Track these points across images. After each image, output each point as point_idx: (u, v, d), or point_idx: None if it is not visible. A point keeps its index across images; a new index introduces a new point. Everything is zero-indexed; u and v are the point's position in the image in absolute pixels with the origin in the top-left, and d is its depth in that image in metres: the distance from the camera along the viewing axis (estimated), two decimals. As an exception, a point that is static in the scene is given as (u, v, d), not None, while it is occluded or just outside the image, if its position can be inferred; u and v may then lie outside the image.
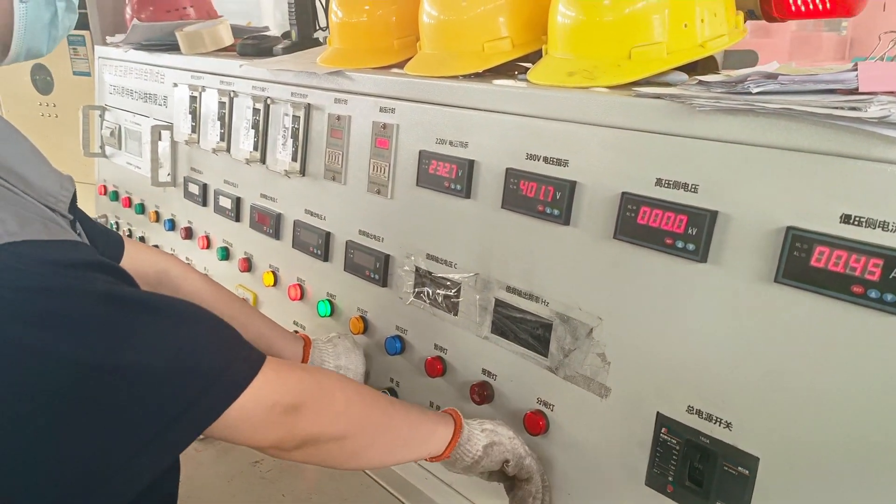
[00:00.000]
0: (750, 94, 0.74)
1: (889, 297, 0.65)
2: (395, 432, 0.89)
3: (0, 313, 0.58)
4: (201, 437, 0.70)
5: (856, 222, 0.67)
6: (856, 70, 0.73)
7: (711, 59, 1.05)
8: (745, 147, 0.75)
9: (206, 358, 0.70)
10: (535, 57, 1.11)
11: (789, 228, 0.71)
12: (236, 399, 0.70)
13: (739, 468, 0.77)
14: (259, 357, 0.75)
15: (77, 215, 0.88)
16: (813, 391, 0.72)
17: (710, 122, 0.78)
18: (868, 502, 0.69)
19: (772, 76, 0.74)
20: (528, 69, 1.08)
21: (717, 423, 0.80)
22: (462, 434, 0.94)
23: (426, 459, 0.94)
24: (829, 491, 0.72)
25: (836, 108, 0.66)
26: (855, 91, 0.73)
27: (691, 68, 1.03)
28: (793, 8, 1.11)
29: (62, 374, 0.60)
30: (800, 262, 0.70)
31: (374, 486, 1.25)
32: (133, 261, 1.15)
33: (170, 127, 1.85)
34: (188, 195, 1.83)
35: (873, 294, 0.66)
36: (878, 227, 0.66)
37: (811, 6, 1.10)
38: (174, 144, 1.87)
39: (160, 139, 1.88)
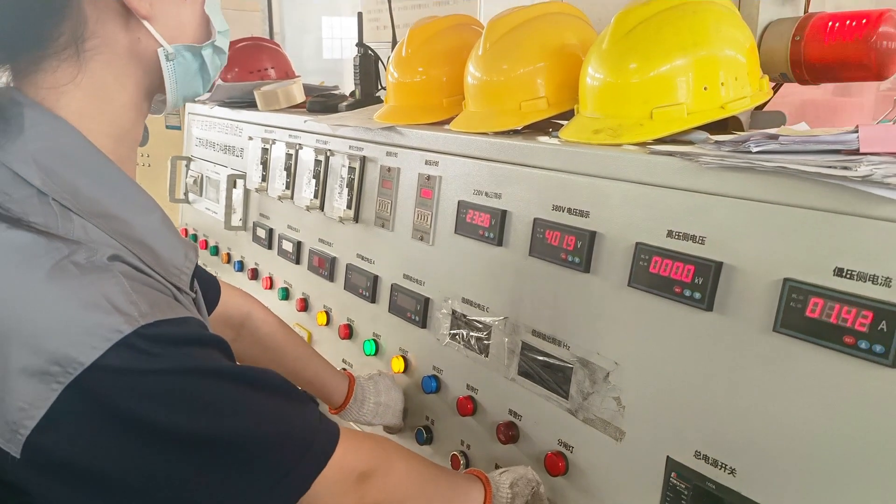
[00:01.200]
0: (751, 152, 0.78)
1: (878, 348, 0.67)
2: (441, 493, 0.94)
3: (131, 396, 0.61)
4: None
5: (848, 275, 0.70)
6: (857, 132, 0.76)
7: (736, 119, 1.09)
8: (747, 202, 0.79)
9: (298, 429, 0.74)
10: (571, 115, 1.18)
11: (786, 280, 0.74)
12: (325, 466, 0.74)
13: (743, 515, 0.78)
14: (336, 428, 0.79)
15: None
16: (811, 440, 0.73)
17: (717, 178, 0.82)
18: (868, 555, 0.69)
19: (773, 137, 0.78)
20: (562, 126, 1.15)
21: (723, 469, 0.81)
22: (492, 487, 0.99)
23: None
24: (830, 542, 0.72)
25: (829, 167, 0.70)
26: (856, 152, 0.76)
27: (722, 128, 1.08)
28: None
29: (179, 447, 0.64)
30: (796, 312, 0.73)
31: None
32: (224, 303, 1.27)
33: (244, 176, 2.01)
34: (256, 239, 1.97)
35: (863, 345, 0.68)
36: (869, 280, 0.68)
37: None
38: (247, 192, 2.03)
39: (235, 187, 2.04)
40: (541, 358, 1.07)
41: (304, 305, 1.74)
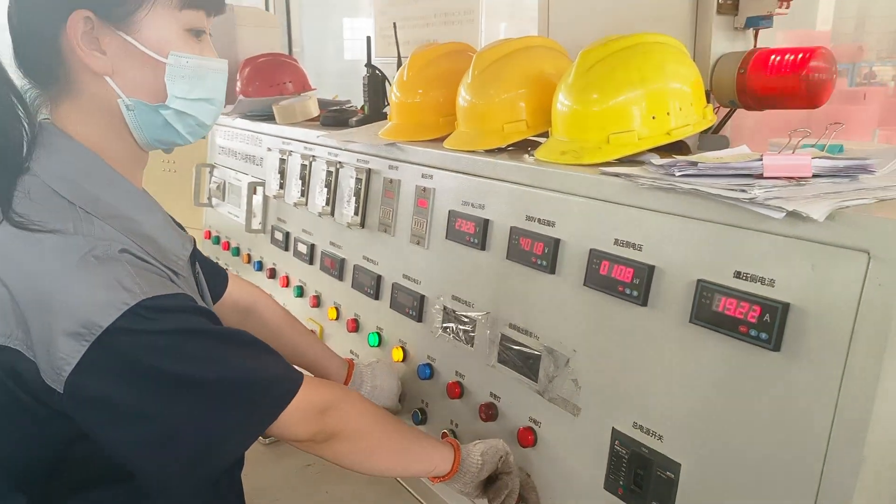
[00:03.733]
0: (674, 175, 0.95)
1: (763, 335, 0.83)
2: (401, 439, 1.13)
3: (136, 349, 0.84)
4: (266, 440, 0.95)
5: (744, 277, 0.87)
6: (761, 160, 0.93)
7: (684, 143, 1.26)
8: (672, 216, 0.96)
9: (267, 373, 0.97)
10: (548, 136, 1.35)
11: (699, 281, 0.91)
12: (292, 400, 0.97)
13: (667, 472, 0.96)
14: (300, 375, 1.02)
15: (198, 258, 1.18)
16: (716, 410, 0.90)
17: (651, 196, 0.99)
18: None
19: (693, 163, 0.96)
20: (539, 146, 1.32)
21: (653, 436, 0.99)
22: (462, 452, 1.17)
23: (441, 479, 1.16)
24: (734, 493, 0.89)
25: (730, 189, 0.87)
26: (761, 176, 0.93)
27: (675, 149, 1.25)
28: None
29: (176, 386, 0.86)
30: (706, 307, 0.90)
31: (403, 491, 1.48)
32: (232, 293, 1.47)
33: (263, 183, 2.21)
34: (274, 241, 2.16)
35: (753, 333, 0.85)
36: (758, 281, 0.85)
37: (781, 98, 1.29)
38: (265, 198, 2.22)
39: (255, 193, 2.24)
40: (516, 347, 1.25)
41: (317, 302, 1.93)
